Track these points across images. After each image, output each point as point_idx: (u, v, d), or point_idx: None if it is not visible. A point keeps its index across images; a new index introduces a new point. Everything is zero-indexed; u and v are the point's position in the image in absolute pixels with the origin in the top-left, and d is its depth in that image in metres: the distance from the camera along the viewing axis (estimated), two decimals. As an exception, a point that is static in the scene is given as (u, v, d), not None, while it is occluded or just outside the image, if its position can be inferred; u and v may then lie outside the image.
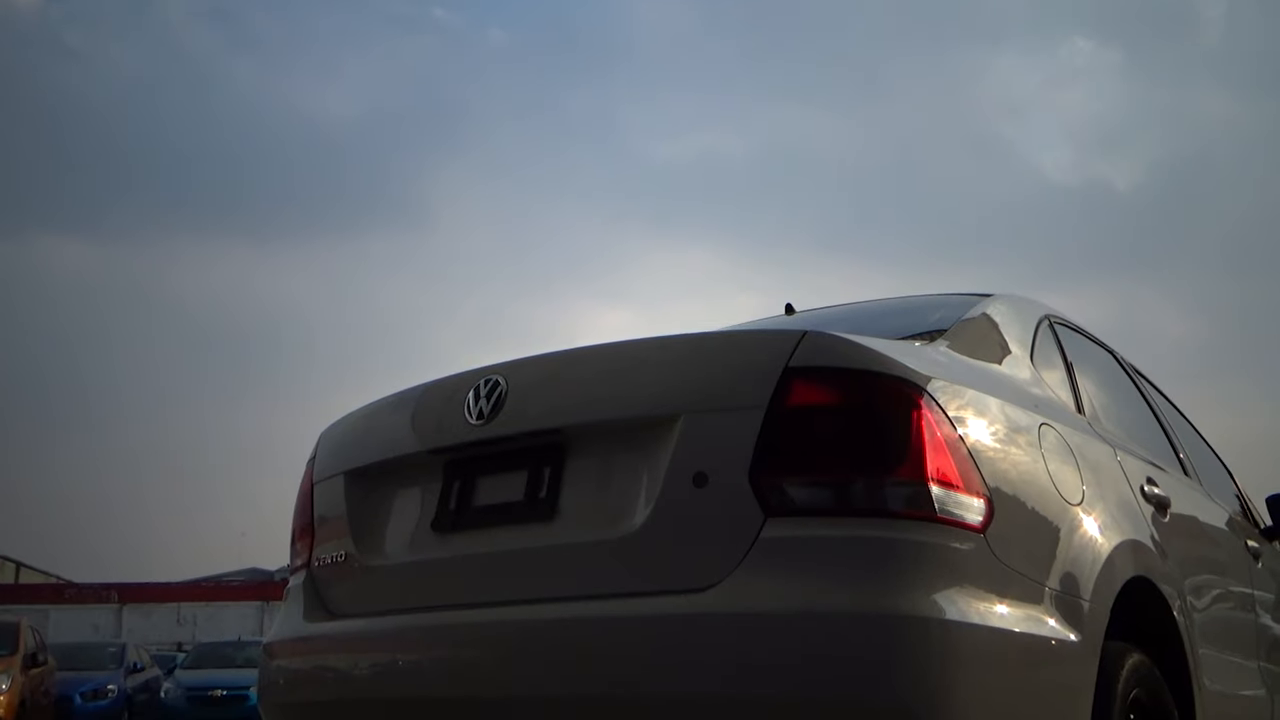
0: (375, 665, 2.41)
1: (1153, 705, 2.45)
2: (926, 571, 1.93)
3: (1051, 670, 2.11)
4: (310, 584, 2.70)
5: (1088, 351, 3.40)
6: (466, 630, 2.25)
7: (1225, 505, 3.89)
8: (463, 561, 2.37)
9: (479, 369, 2.48)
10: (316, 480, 2.80)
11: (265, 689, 2.72)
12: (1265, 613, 3.73)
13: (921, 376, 2.10)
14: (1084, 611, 2.21)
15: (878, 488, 1.97)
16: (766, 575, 1.95)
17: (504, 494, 2.36)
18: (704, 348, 2.31)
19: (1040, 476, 2.30)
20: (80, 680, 15.37)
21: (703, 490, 2.06)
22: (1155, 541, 2.76)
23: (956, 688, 1.87)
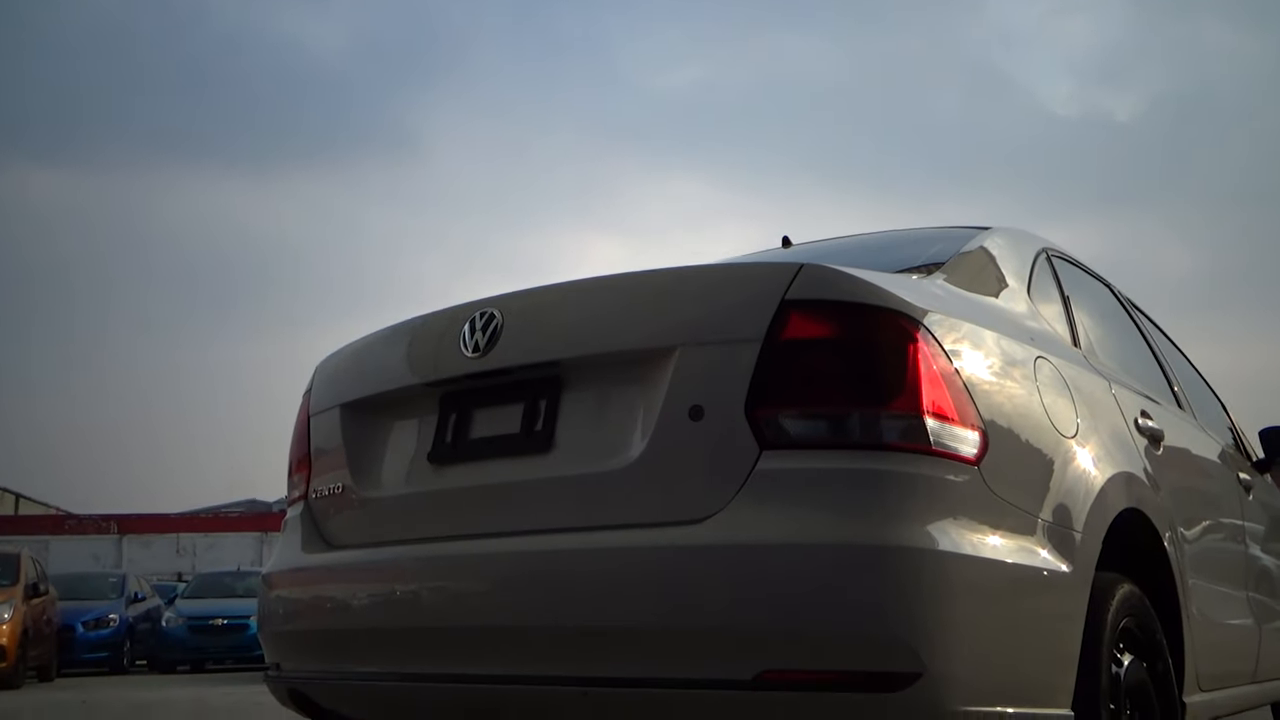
0: (373, 596, 2.43)
1: (1142, 634, 2.49)
2: (920, 503, 1.94)
3: (1043, 600, 2.13)
4: (308, 515, 2.72)
5: (1085, 285, 3.40)
6: (463, 561, 2.27)
7: (1218, 438, 3.91)
8: (459, 494, 2.38)
9: (474, 302, 2.47)
10: (313, 413, 2.81)
11: (265, 618, 2.75)
12: (1255, 544, 3.77)
13: (918, 310, 2.10)
14: (1076, 543, 2.23)
15: (873, 420, 1.98)
16: (762, 507, 1.96)
17: (500, 427, 2.37)
18: (700, 281, 2.30)
19: (1035, 409, 2.31)
20: (82, 610, 15.55)
21: (698, 423, 2.07)
22: (1148, 474, 2.78)
23: (949, 618, 1.89)
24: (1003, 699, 1.97)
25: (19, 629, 12.17)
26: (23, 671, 12.41)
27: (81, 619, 15.38)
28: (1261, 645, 3.55)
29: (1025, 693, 2.04)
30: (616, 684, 2.01)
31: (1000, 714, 1.96)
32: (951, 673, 1.87)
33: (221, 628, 15.81)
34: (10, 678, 11.89)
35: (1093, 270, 3.59)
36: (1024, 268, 2.88)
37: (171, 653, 15.98)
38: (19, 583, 12.80)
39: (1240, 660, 3.37)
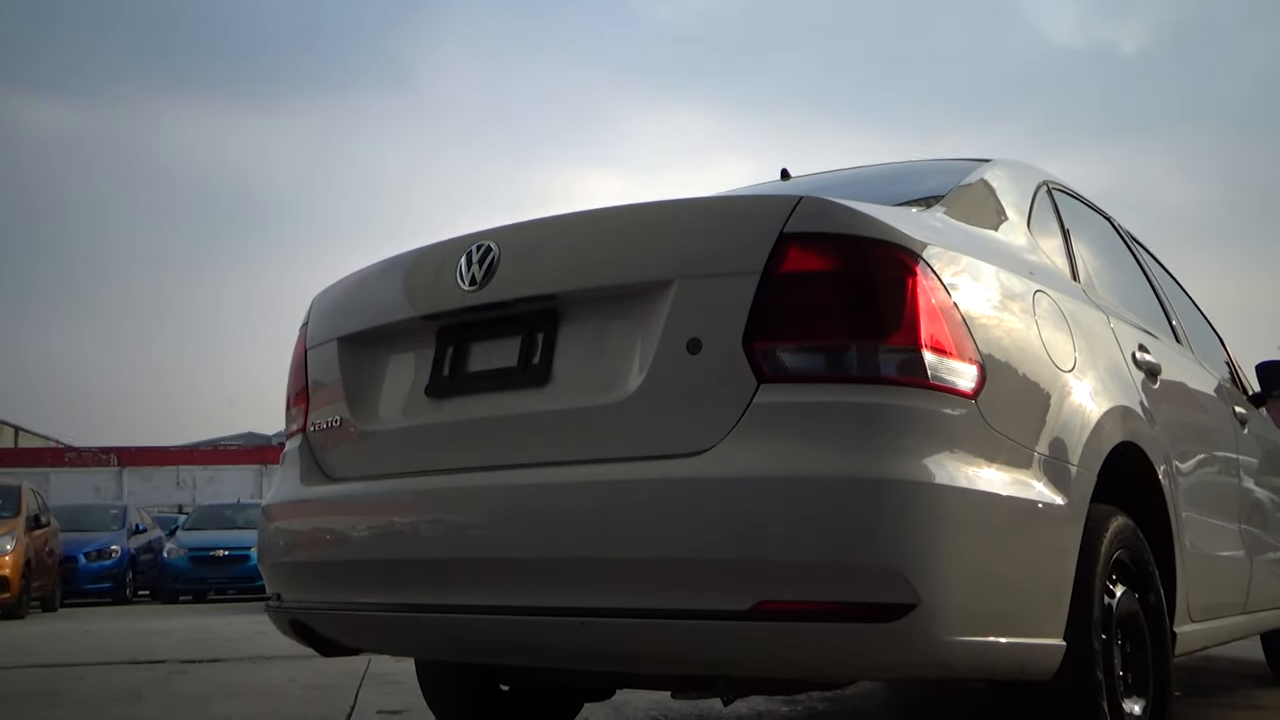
0: (371, 528, 2.45)
1: (1135, 566, 2.51)
2: (917, 436, 1.95)
3: (1037, 532, 2.15)
4: (306, 448, 2.73)
5: (1085, 218, 3.38)
6: (461, 494, 2.28)
7: (1215, 372, 3.92)
8: (457, 427, 2.39)
9: (471, 234, 2.46)
10: (310, 346, 2.81)
11: (265, 550, 2.77)
12: (1248, 477, 3.80)
13: (917, 243, 2.09)
14: (1071, 476, 2.24)
15: (871, 354, 1.98)
16: (759, 440, 1.97)
17: (497, 360, 2.37)
18: (698, 213, 2.28)
19: (1033, 343, 2.31)
20: (84, 541, 15.66)
21: (696, 356, 2.06)
22: (1144, 407, 2.79)
23: (944, 549, 1.91)
24: (996, 629, 2.00)
25: (21, 560, 12.28)
26: (26, 602, 12.55)
27: (84, 550, 15.49)
28: (1253, 577, 3.59)
29: (1019, 623, 2.06)
30: (614, 614, 2.03)
31: (993, 644, 1.99)
32: (946, 604, 1.89)
33: (223, 558, 15.95)
34: (14, 608, 12.02)
35: (1093, 203, 3.57)
36: (1024, 201, 2.87)
37: (173, 583, 16.13)
38: (20, 514, 12.88)
39: (1231, 592, 3.41)
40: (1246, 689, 4.54)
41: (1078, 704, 2.18)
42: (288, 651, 6.54)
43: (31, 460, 29.58)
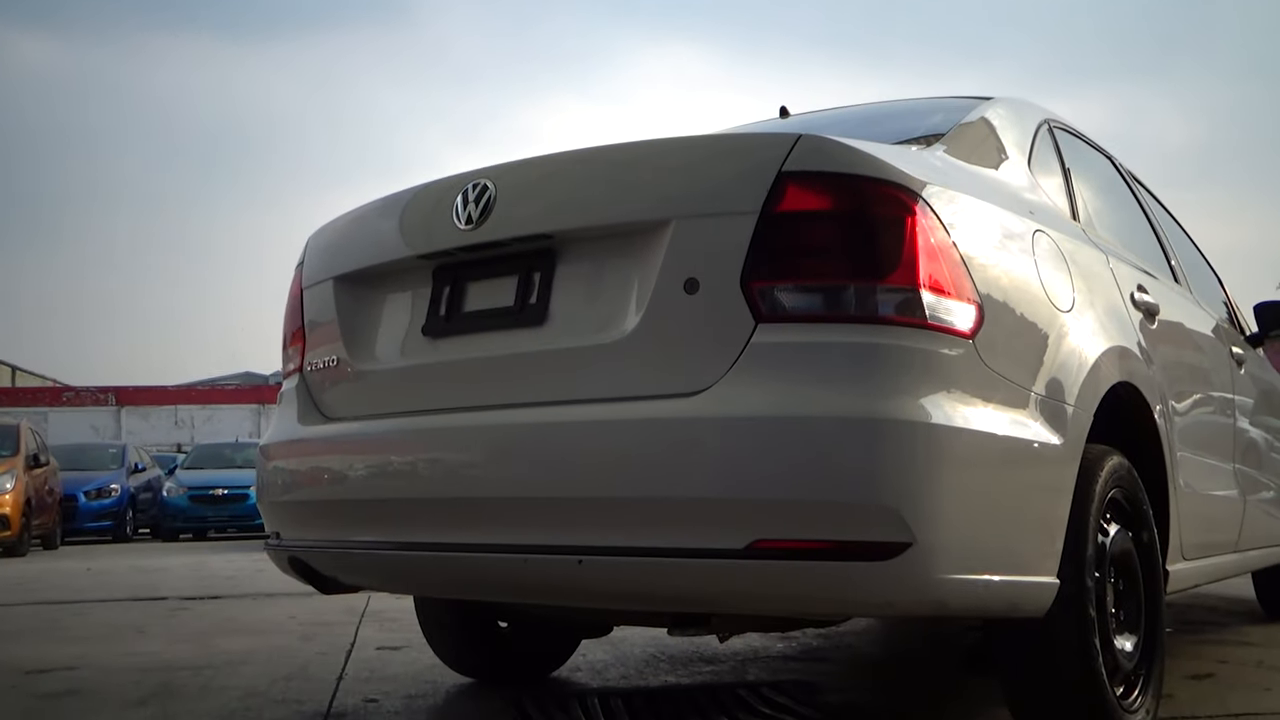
0: (369, 467, 2.45)
1: (1129, 505, 2.53)
2: (914, 377, 1.95)
3: (1033, 472, 2.16)
4: (303, 388, 2.73)
5: (1086, 157, 3.36)
6: (458, 434, 2.29)
7: (1212, 312, 3.92)
8: (454, 367, 2.38)
9: (466, 173, 2.44)
10: (306, 285, 2.80)
11: (263, 488, 2.78)
12: (1243, 417, 3.81)
13: (917, 182, 2.07)
14: (1068, 416, 2.25)
15: (869, 294, 1.97)
16: (756, 380, 1.97)
17: (494, 299, 2.36)
18: (696, 152, 2.26)
19: (1031, 283, 2.30)
20: (83, 480, 15.73)
21: (694, 296, 2.06)
22: (1142, 348, 2.79)
23: (939, 489, 1.91)
24: (990, 567, 2.01)
25: (21, 499, 12.34)
26: (27, 540, 12.63)
27: (83, 489, 15.57)
28: (1245, 516, 3.62)
29: (1012, 561, 2.08)
30: (611, 553, 2.04)
31: (987, 582, 2.01)
32: (941, 542, 1.90)
33: (222, 497, 16.04)
34: (15, 546, 12.10)
35: (1095, 142, 3.55)
36: (1025, 139, 2.85)
37: (173, 521, 16.23)
38: (19, 453, 12.92)
39: (1224, 531, 3.44)
40: (1236, 625, 4.59)
41: (1069, 640, 2.21)
42: (288, 589, 6.60)
43: (29, 400, 29.63)
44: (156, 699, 3.19)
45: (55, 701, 3.18)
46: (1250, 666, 3.51)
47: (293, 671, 3.64)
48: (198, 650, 4.18)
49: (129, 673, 3.67)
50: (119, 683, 3.48)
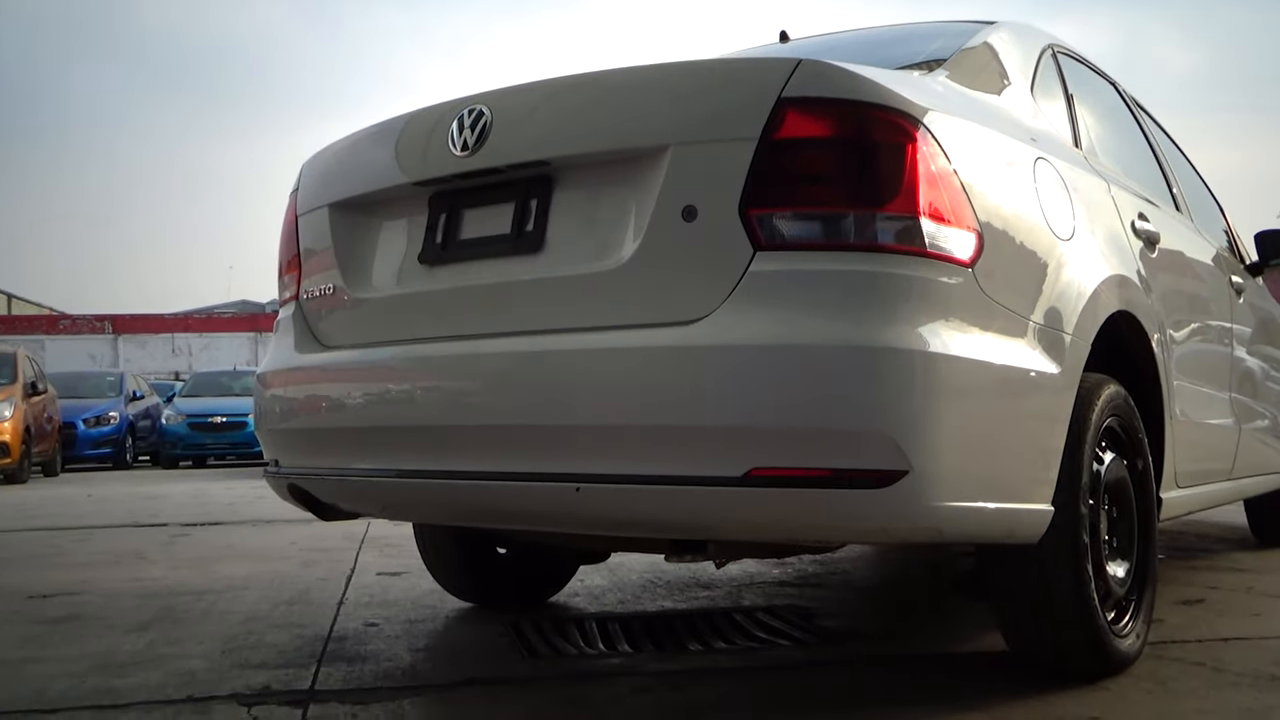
0: (366, 395, 2.45)
1: (1124, 433, 2.54)
2: (913, 305, 1.94)
3: (1029, 401, 2.16)
4: (300, 316, 2.72)
5: (1089, 83, 3.32)
6: (455, 362, 2.28)
7: (1213, 241, 3.91)
8: (450, 295, 2.37)
9: (462, 98, 2.40)
10: (301, 212, 2.77)
11: (261, 416, 2.78)
12: (1241, 346, 3.82)
13: (918, 108, 2.05)
14: (1065, 345, 2.24)
15: (869, 222, 1.96)
16: (754, 309, 1.96)
17: (491, 227, 2.34)
18: (695, 77, 2.23)
19: (1032, 211, 2.29)
20: (82, 408, 15.77)
21: (692, 224, 2.04)
22: (1141, 277, 2.78)
23: (936, 417, 1.92)
24: (986, 495, 2.03)
25: (21, 426, 12.38)
26: (28, 467, 12.70)
27: (82, 416, 15.61)
28: (1240, 444, 3.64)
29: (1008, 489, 2.09)
30: (608, 480, 2.05)
31: (982, 509, 2.02)
32: (937, 470, 1.91)
33: (221, 425, 16.09)
34: (16, 473, 12.17)
35: (1098, 68, 3.50)
36: (1028, 65, 2.81)
37: (173, 449, 16.30)
38: (17, 381, 12.93)
39: (1218, 459, 3.46)
40: (1227, 552, 4.64)
41: (1062, 567, 2.23)
42: (288, 515, 6.65)
43: (25, 327, 29.59)
44: (159, 623, 3.23)
45: (59, 625, 3.22)
46: (1240, 592, 3.55)
47: (294, 596, 3.68)
48: (199, 575, 4.23)
49: (131, 598, 3.71)
50: (122, 607, 3.52)
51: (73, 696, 2.39)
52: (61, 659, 2.76)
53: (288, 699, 2.34)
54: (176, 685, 2.47)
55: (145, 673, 2.60)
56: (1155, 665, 2.52)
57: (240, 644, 2.91)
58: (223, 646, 2.88)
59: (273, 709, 2.26)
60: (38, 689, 2.46)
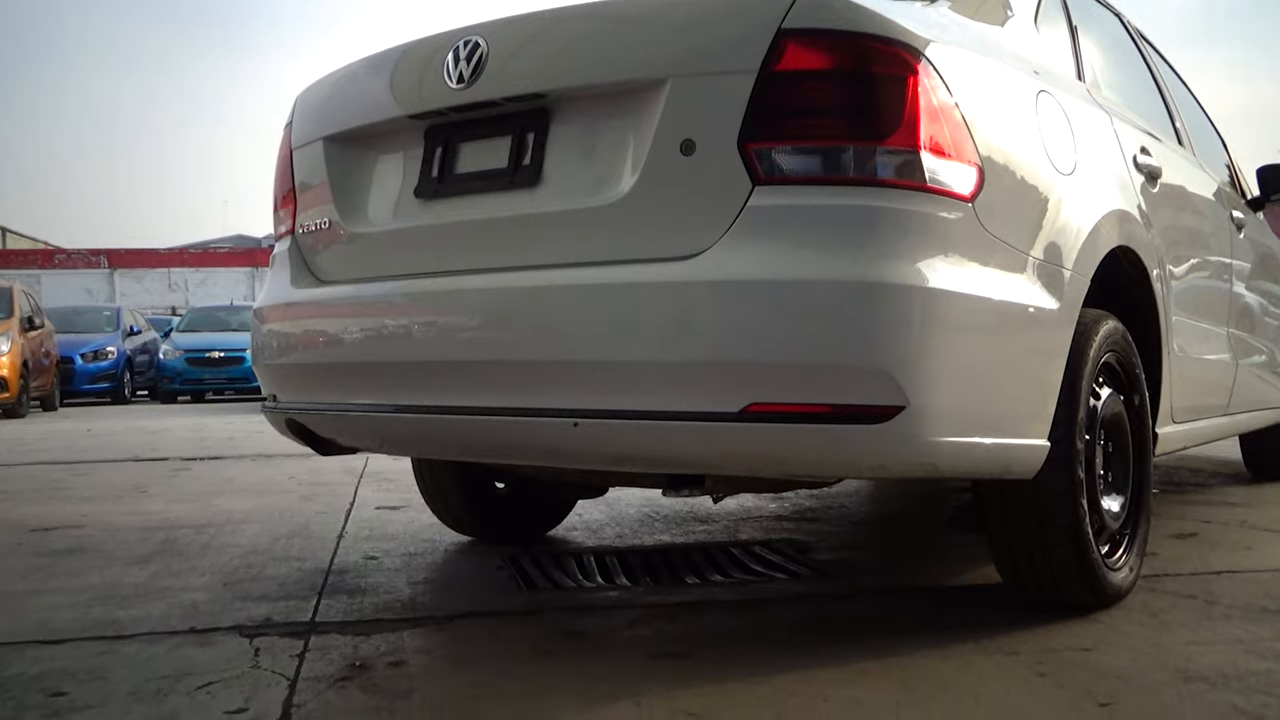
0: (364, 330, 2.45)
1: (1122, 369, 2.55)
2: (912, 240, 1.93)
3: (1028, 337, 2.16)
4: (296, 251, 2.70)
5: (1094, 14, 3.28)
6: (452, 297, 2.27)
7: (1215, 175, 3.88)
8: (447, 229, 2.36)
9: (458, 29, 2.37)
10: (295, 146, 2.75)
11: (258, 351, 2.78)
12: (1240, 282, 3.81)
13: (920, 40, 2.02)
14: (1065, 280, 2.24)
15: (869, 156, 1.94)
16: (753, 243, 1.95)
17: (487, 161, 2.32)
18: (694, 8, 2.19)
19: (1033, 146, 2.27)
20: (79, 342, 15.75)
21: (690, 158, 2.02)
22: (1142, 212, 2.76)
23: (934, 353, 1.92)
24: (982, 430, 2.03)
25: (19, 360, 12.38)
26: (26, 402, 12.72)
27: (80, 351, 15.60)
28: (1236, 380, 3.64)
29: (1005, 424, 2.09)
30: (606, 415, 2.05)
31: (978, 444, 2.03)
32: (934, 406, 1.91)
33: (218, 359, 16.10)
34: (14, 408, 12.20)
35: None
36: (1032, -5, 2.77)
37: (171, 384, 16.33)
38: (14, 315, 12.90)
39: (1215, 394, 3.47)
40: (1221, 486, 4.68)
41: (1058, 502, 2.24)
42: (287, 450, 6.68)
43: (20, 262, 29.47)
44: (160, 556, 3.25)
45: (61, 558, 3.25)
46: (1233, 526, 3.58)
47: (293, 530, 3.71)
48: (199, 509, 4.25)
49: (132, 531, 3.73)
50: (123, 540, 3.54)
51: (77, 627, 2.41)
52: (65, 591, 2.79)
53: (289, 630, 2.37)
54: (179, 617, 2.50)
55: (148, 604, 2.62)
56: (1148, 598, 2.55)
57: (241, 577, 2.94)
58: (224, 579, 2.91)
59: (274, 640, 2.29)
60: (42, 620, 2.48)
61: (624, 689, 1.93)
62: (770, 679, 1.97)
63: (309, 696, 1.92)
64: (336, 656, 2.17)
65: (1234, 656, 2.08)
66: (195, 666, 2.10)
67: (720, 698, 1.88)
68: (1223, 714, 1.76)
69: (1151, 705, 1.81)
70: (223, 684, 1.99)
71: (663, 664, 2.09)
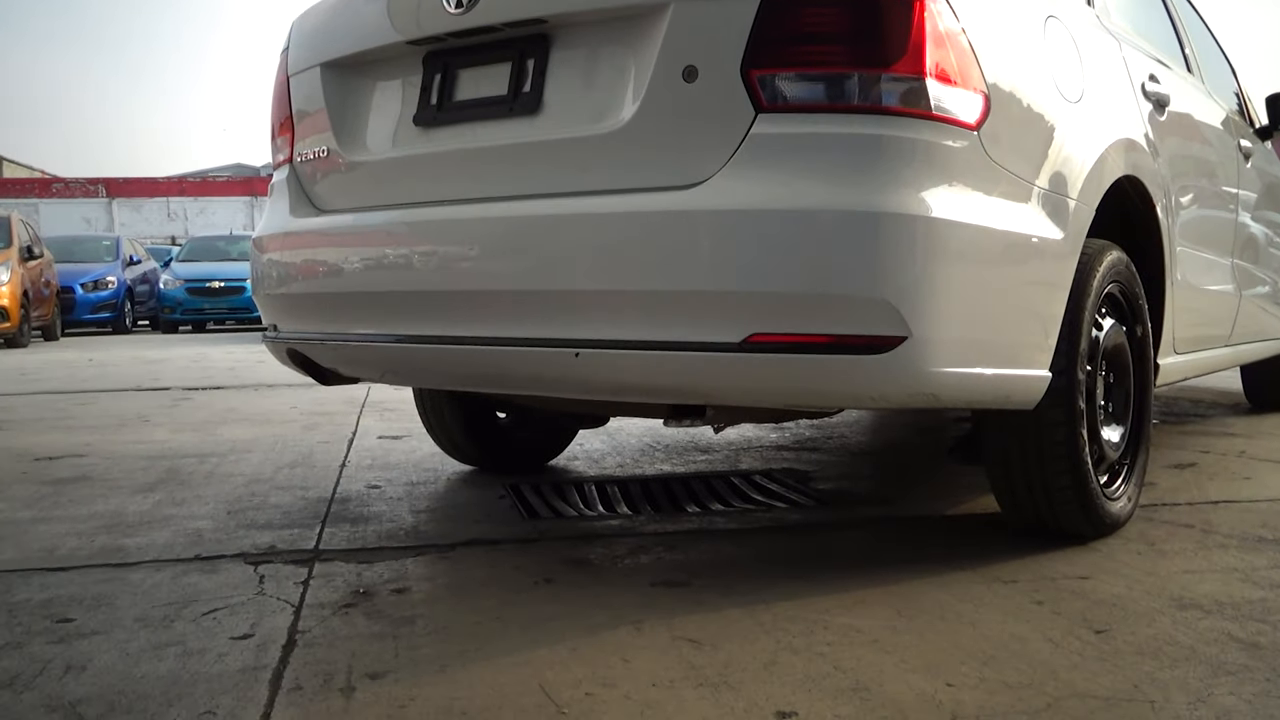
0: (364, 259, 2.44)
1: (1125, 300, 2.54)
2: (916, 169, 1.91)
3: (1031, 267, 2.15)
4: (294, 179, 2.68)
5: (1104, -63, 3.20)
6: (451, 226, 2.26)
7: (1223, 104, 3.83)
8: (446, 158, 2.33)
9: (456, -49, 2.32)
10: (292, 73, 2.71)
11: (258, 281, 2.77)
12: (1246, 212, 3.78)
13: (927, -38, 1.97)
14: (1070, 210, 2.22)
15: (873, 83, 1.91)
16: (756, 172, 1.93)
17: (487, 88, 2.29)
18: (696, -71, 2.15)
19: (1041, 73, 2.23)
20: (79, 272, 15.71)
21: (692, 85, 2.00)
22: (1149, 140, 2.73)
23: (937, 284, 1.90)
24: (984, 361, 2.03)
25: (19, 290, 12.35)
26: (28, 332, 12.72)
27: (80, 281, 15.57)
28: (1239, 311, 3.64)
29: (1006, 355, 2.09)
30: (607, 346, 2.05)
31: (980, 375, 2.02)
32: (936, 336, 1.91)
33: (219, 289, 16.09)
34: (16, 338, 12.20)
35: (1113, -79, 3.37)
36: (1042, -83, 2.70)
37: (171, 314, 16.33)
38: (13, 245, 12.85)
39: (1217, 325, 3.46)
40: (1221, 416, 4.69)
41: (1058, 432, 2.25)
42: (289, 380, 6.70)
43: (18, 191, 29.30)
44: (164, 485, 3.27)
45: (66, 486, 3.27)
46: (1232, 456, 3.60)
47: (296, 459, 3.73)
48: (202, 439, 4.27)
49: (136, 460, 3.75)
50: (127, 469, 3.56)
51: (82, 555, 2.43)
52: (70, 519, 2.81)
53: (293, 558, 2.39)
54: (184, 544, 2.52)
55: (153, 532, 2.64)
56: (1145, 527, 2.56)
57: (245, 505, 2.96)
58: (228, 508, 2.93)
59: (279, 567, 2.31)
60: (47, 547, 2.50)
61: (625, 615, 1.95)
62: (769, 606, 1.99)
63: (314, 622, 1.94)
64: (340, 583, 2.19)
65: (1230, 585, 2.09)
66: (201, 593, 2.13)
67: (720, 624, 1.90)
68: (1217, 641, 1.78)
69: (1147, 632, 1.83)
70: (228, 610, 2.01)
71: (663, 591, 2.11)
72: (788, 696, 1.57)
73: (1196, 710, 1.50)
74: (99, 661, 1.75)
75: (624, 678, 1.65)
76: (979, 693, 1.58)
